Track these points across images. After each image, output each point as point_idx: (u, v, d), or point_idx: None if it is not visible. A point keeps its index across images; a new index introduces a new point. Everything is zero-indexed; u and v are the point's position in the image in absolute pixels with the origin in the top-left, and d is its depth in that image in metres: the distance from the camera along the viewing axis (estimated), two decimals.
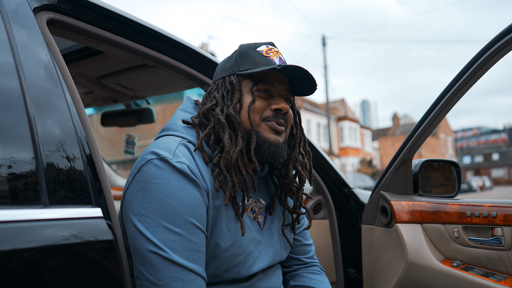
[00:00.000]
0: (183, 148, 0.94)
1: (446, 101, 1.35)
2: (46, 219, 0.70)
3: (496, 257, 1.22)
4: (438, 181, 1.79)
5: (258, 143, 0.99)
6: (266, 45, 1.07)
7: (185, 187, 0.88)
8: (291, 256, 1.26)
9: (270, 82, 1.03)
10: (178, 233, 0.85)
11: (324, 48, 21.54)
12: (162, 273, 0.83)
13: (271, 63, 1.03)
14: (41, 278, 0.66)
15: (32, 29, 0.87)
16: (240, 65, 1.04)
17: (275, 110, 1.01)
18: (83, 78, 1.75)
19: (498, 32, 1.21)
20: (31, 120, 0.75)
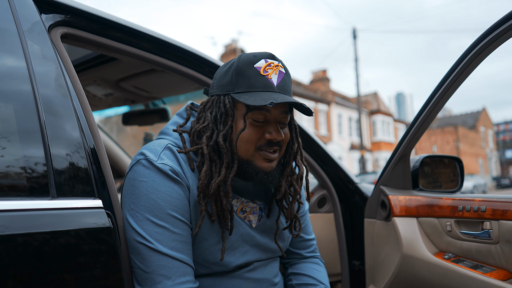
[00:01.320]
0: (167, 151, 1.03)
1: (438, 96, 1.38)
2: (54, 208, 0.83)
3: (485, 250, 1.25)
4: (448, 177, 1.81)
5: (250, 173, 1.04)
6: (265, 60, 1.03)
7: (168, 184, 0.97)
8: (292, 250, 1.33)
9: (266, 109, 1.01)
10: (162, 226, 0.95)
11: (354, 41, 21.19)
12: (150, 261, 0.92)
13: (268, 85, 1.01)
14: (48, 257, 0.78)
15: (45, 44, 1.00)
16: (235, 85, 1.02)
17: (268, 141, 1.03)
18: (103, 82, 1.90)
19: (491, 24, 1.23)
20: (42, 124, 0.88)
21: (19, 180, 0.82)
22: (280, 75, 1.03)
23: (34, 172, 0.84)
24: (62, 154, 0.89)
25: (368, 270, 1.71)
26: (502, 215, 1.20)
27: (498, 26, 1.21)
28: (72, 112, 0.96)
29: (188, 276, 0.97)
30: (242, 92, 1.01)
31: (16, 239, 0.76)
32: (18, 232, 0.77)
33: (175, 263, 0.94)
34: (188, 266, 0.97)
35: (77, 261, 0.83)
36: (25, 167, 0.83)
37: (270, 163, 1.05)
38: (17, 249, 0.76)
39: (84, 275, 0.84)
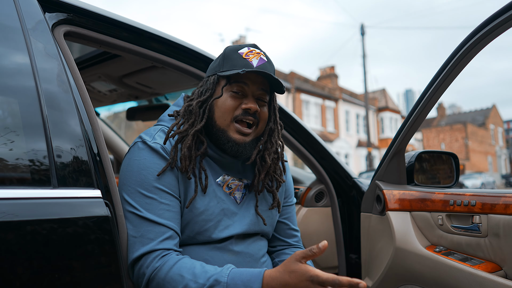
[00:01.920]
0: (161, 133, 1.18)
1: (431, 92, 1.41)
2: (55, 197, 0.88)
3: (474, 243, 1.28)
4: (446, 173, 1.84)
5: (222, 141, 1.17)
6: (248, 47, 1.19)
7: (157, 161, 1.11)
8: (278, 237, 1.40)
9: (244, 82, 1.16)
10: (151, 197, 1.08)
11: (362, 37, 21.07)
12: (139, 227, 1.05)
13: (248, 65, 1.15)
14: (48, 243, 0.84)
15: (48, 42, 1.05)
16: (221, 66, 1.18)
17: (244, 110, 1.16)
18: (107, 78, 1.95)
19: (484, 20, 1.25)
20: (45, 118, 0.93)
21: (22, 170, 0.87)
22: (261, 61, 1.17)
23: (36, 163, 0.89)
24: (63, 146, 0.94)
25: (364, 263, 1.74)
26: (491, 209, 1.23)
27: (490, 21, 1.23)
28: (73, 107, 1.01)
29: (173, 240, 1.07)
30: (225, 70, 1.17)
31: (19, 225, 0.81)
32: (21, 219, 0.82)
33: (162, 228, 1.06)
34: (174, 232, 1.08)
35: (76, 248, 0.88)
36: (28, 159, 0.88)
37: (243, 136, 1.17)
38: (20, 234, 0.81)
39: (83, 261, 0.89)
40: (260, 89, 1.19)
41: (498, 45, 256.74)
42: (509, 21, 1.17)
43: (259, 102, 1.19)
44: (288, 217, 1.41)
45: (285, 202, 1.42)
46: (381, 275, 1.57)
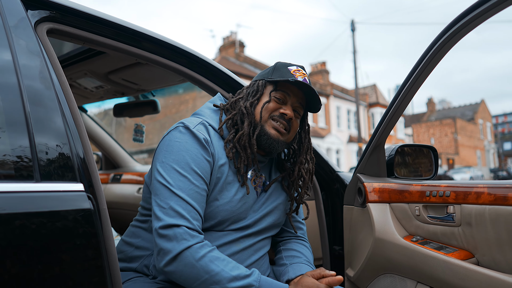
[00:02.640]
0: (201, 126, 1.26)
1: (408, 87, 1.45)
2: (38, 191, 0.90)
3: (449, 232, 1.33)
4: (427, 166, 1.89)
5: (259, 134, 1.28)
6: (297, 67, 1.34)
7: (196, 147, 1.19)
8: (285, 229, 1.51)
9: (287, 92, 1.31)
10: (185, 176, 1.15)
11: (353, 33, 21.15)
12: (168, 199, 1.12)
13: (293, 76, 1.29)
14: (30, 236, 0.86)
15: (31, 39, 1.07)
16: (271, 74, 1.34)
17: (281, 113, 1.30)
18: (93, 74, 1.96)
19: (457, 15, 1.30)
20: (27, 114, 0.95)
21: (4, 165, 0.89)
22: (306, 79, 1.32)
23: (19, 158, 0.91)
24: (46, 141, 0.96)
25: (347, 254, 1.79)
26: (464, 199, 1.27)
27: (463, 16, 1.27)
28: (56, 103, 1.03)
29: (198, 221, 1.14)
30: (274, 78, 1.32)
31: (1, 218, 0.83)
32: (3, 212, 0.84)
33: (188, 206, 1.13)
34: (198, 214, 1.15)
35: (59, 240, 0.90)
36: (11, 154, 0.90)
37: (277, 132, 1.29)
38: (2, 228, 0.83)
39: (66, 254, 0.92)
40: (299, 102, 1.34)
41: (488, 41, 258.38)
42: (478, 18, 1.22)
43: (294, 113, 1.32)
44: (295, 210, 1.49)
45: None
46: (362, 265, 1.62)
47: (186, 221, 1.10)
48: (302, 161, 1.40)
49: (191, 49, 1.54)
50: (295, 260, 1.37)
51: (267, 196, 1.37)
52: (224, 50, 28.63)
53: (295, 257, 1.39)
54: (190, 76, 1.57)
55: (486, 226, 1.20)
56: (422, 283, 1.37)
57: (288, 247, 1.45)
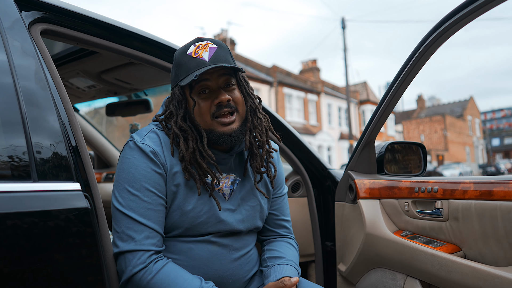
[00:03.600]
0: (153, 134, 1.20)
1: (397, 85, 1.49)
2: (35, 191, 0.92)
3: (437, 227, 1.37)
4: (416, 163, 1.93)
5: (214, 140, 1.19)
6: (193, 44, 1.19)
7: (144, 161, 1.14)
8: (267, 227, 1.44)
9: (205, 79, 1.17)
10: (135, 195, 1.12)
11: (343, 31, 21.26)
12: (120, 223, 1.11)
13: (200, 63, 1.16)
14: (28, 235, 0.88)
15: (25, 40, 1.08)
16: (179, 75, 1.20)
17: (217, 105, 1.17)
18: (86, 74, 1.97)
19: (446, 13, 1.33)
20: (23, 115, 0.96)
21: (2, 165, 0.91)
22: (211, 51, 1.18)
23: (16, 158, 0.93)
24: (42, 141, 0.98)
25: (338, 250, 1.82)
26: (451, 194, 1.31)
27: (452, 15, 1.30)
28: (52, 103, 1.04)
29: (152, 239, 1.11)
30: (183, 78, 1.19)
31: (0, 218, 0.85)
32: (1, 212, 0.85)
33: (140, 227, 1.10)
34: (154, 231, 1.12)
35: (57, 239, 0.92)
36: (8, 154, 0.92)
37: (229, 126, 1.19)
38: (1, 227, 0.84)
39: (64, 253, 0.93)
40: (222, 75, 1.19)
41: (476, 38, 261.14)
42: (467, 17, 1.25)
43: (227, 89, 1.20)
44: (277, 208, 1.43)
45: (275, 193, 1.44)
46: (353, 260, 1.65)
47: (137, 243, 1.08)
48: (254, 126, 1.26)
49: None
50: (277, 262, 1.31)
51: (244, 192, 1.30)
52: None
53: (278, 258, 1.32)
54: None
55: (472, 220, 1.24)
56: (412, 277, 1.41)
57: (271, 247, 1.39)
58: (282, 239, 1.44)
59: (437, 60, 45.07)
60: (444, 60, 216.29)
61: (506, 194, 1.15)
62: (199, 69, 1.15)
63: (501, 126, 71.92)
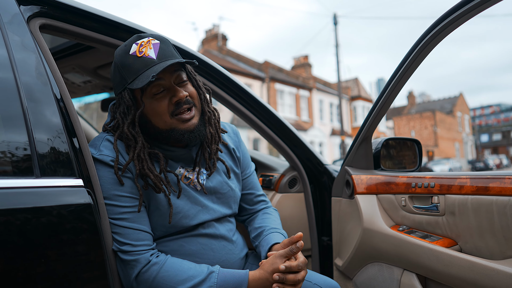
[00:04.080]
0: (106, 142, 1.18)
1: (395, 82, 1.50)
2: (38, 187, 0.91)
3: (434, 221, 1.40)
4: (411, 158, 1.95)
5: (177, 138, 1.17)
6: (135, 43, 1.14)
7: (108, 169, 1.13)
8: (246, 207, 1.49)
9: (159, 78, 1.13)
10: (111, 204, 1.11)
11: (335, 27, 21.29)
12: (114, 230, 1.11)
13: (148, 62, 1.12)
14: (32, 232, 0.87)
15: (25, 35, 1.07)
16: (126, 77, 1.14)
17: (176, 103, 1.15)
18: (81, 69, 1.95)
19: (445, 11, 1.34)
20: (25, 110, 0.96)
21: (4, 161, 0.90)
22: (155, 47, 1.14)
23: (18, 154, 0.92)
24: (44, 137, 0.97)
25: (335, 245, 1.85)
26: (448, 189, 1.34)
27: (452, 12, 1.32)
28: (53, 98, 1.04)
29: (142, 240, 1.12)
30: (132, 80, 1.13)
31: (2, 214, 0.84)
32: (4, 208, 0.85)
33: (125, 230, 1.11)
34: (141, 232, 1.13)
35: (60, 235, 0.92)
36: (10, 150, 0.91)
37: (190, 121, 1.17)
38: (3, 223, 0.84)
39: (68, 248, 0.93)
40: (174, 72, 1.16)
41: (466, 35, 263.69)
42: (466, 14, 1.27)
43: (181, 85, 1.18)
44: (251, 187, 1.47)
45: (244, 174, 1.47)
46: (350, 254, 1.67)
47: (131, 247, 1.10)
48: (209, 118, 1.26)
49: (185, 46, 1.55)
50: (262, 236, 1.34)
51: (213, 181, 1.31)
52: (206, 43, 28.43)
53: (261, 233, 1.36)
54: None
55: (469, 215, 1.26)
56: (408, 270, 1.43)
57: (253, 225, 1.43)
58: (259, 213, 1.49)
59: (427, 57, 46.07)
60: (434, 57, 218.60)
61: (502, 190, 1.17)
62: (149, 68, 1.11)
63: (490, 122, 72.90)
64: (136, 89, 1.14)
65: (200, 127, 1.21)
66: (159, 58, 1.13)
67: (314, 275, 1.35)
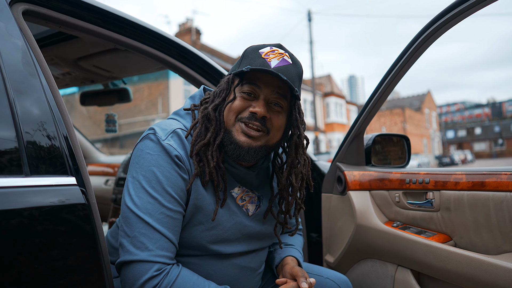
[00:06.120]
0: (175, 135, 1.06)
1: (390, 79, 1.50)
2: (28, 186, 0.84)
3: (428, 217, 1.40)
4: (397, 154, 1.97)
5: (227, 142, 1.07)
6: (271, 47, 1.09)
7: (170, 162, 1.02)
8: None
9: (256, 84, 1.06)
10: (155, 197, 0.99)
11: (309, 23, 21.43)
12: (134, 227, 0.98)
13: (264, 64, 1.04)
14: (22, 234, 0.80)
15: (9, 21, 0.98)
16: (238, 66, 1.09)
17: (251, 113, 1.05)
18: (61, 60, 1.84)
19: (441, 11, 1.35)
20: (12, 103, 0.88)
21: None
22: (282, 62, 1.06)
23: (5, 150, 0.84)
24: (33, 132, 0.90)
25: (325, 241, 1.84)
26: (443, 185, 1.34)
27: (446, 13, 1.32)
28: (41, 91, 0.96)
29: (166, 251, 0.99)
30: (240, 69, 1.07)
31: None
32: None
33: (156, 235, 0.98)
34: (169, 241, 1.00)
35: (53, 238, 0.85)
36: None
37: (248, 138, 1.06)
38: None
39: (63, 250, 0.86)
40: (275, 92, 1.07)
41: None
42: (465, 12, 1.27)
43: (273, 108, 1.08)
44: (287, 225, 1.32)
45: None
46: (342, 251, 1.67)
47: (151, 253, 0.97)
48: (292, 163, 1.14)
49: (176, 38, 1.49)
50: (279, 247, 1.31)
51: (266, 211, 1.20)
52: (180, 37, 27.97)
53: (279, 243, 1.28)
54: (172, 65, 1.52)
55: (465, 210, 1.27)
56: (403, 266, 1.44)
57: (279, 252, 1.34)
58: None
59: (396, 54, 47.03)
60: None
61: (498, 185, 1.19)
62: (261, 68, 1.03)
63: (455, 119, 75.75)
64: (235, 77, 1.09)
65: (252, 152, 1.07)
66: (275, 70, 1.04)
67: (325, 270, 1.34)
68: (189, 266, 1.10)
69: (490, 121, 68.05)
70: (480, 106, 76.37)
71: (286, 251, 1.32)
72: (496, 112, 71.88)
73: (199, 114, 1.10)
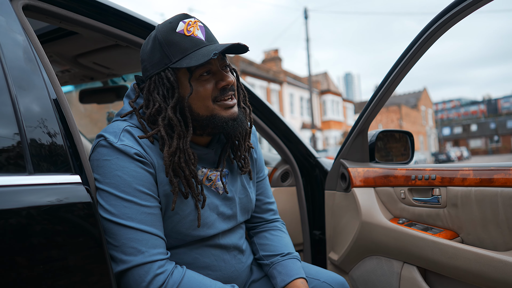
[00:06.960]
0: (126, 133, 1.02)
1: (394, 76, 1.48)
2: (31, 184, 0.82)
3: (434, 214, 1.39)
4: (399, 151, 1.95)
5: (218, 126, 1.07)
6: (182, 21, 1.04)
7: (131, 161, 0.99)
8: (254, 215, 1.37)
9: (209, 63, 1.04)
10: (130, 200, 0.96)
11: (306, 21, 21.41)
12: (119, 236, 0.94)
13: (198, 42, 1.03)
14: (27, 233, 0.78)
15: (10, 16, 0.96)
16: (169, 56, 1.03)
17: (223, 88, 1.06)
18: (60, 57, 1.81)
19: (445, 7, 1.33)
20: (14, 100, 0.85)
21: None
22: (202, 29, 1.06)
23: (8, 148, 0.82)
24: (37, 129, 0.88)
25: (329, 239, 1.82)
26: (450, 182, 1.33)
27: (449, 9, 1.31)
28: (44, 87, 0.94)
29: (159, 248, 0.98)
30: (179, 59, 1.02)
31: None
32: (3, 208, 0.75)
33: (144, 235, 0.96)
34: (158, 238, 0.99)
35: (59, 236, 0.83)
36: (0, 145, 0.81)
37: (232, 109, 1.08)
38: None
39: (66, 250, 0.84)
40: (221, 59, 1.08)
41: None
42: (469, 8, 1.26)
43: (225, 71, 1.09)
44: (261, 192, 1.37)
45: (258, 177, 1.37)
46: (347, 248, 1.65)
47: (146, 255, 0.95)
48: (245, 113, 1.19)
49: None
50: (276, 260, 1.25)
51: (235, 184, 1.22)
52: None
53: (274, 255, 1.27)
54: None
55: (472, 206, 1.26)
56: (409, 263, 1.43)
57: (263, 241, 1.32)
58: (269, 226, 1.37)
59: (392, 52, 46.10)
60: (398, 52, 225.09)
61: (507, 181, 1.18)
62: (200, 48, 1.01)
63: (451, 116, 76.02)
64: (181, 70, 1.04)
65: (241, 117, 1.11)
66: (207, 40, 1.05)
67: (321, 272, 1.30)
68: (176, 256, 1.09)
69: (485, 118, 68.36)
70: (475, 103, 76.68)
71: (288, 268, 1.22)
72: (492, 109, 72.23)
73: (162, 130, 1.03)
